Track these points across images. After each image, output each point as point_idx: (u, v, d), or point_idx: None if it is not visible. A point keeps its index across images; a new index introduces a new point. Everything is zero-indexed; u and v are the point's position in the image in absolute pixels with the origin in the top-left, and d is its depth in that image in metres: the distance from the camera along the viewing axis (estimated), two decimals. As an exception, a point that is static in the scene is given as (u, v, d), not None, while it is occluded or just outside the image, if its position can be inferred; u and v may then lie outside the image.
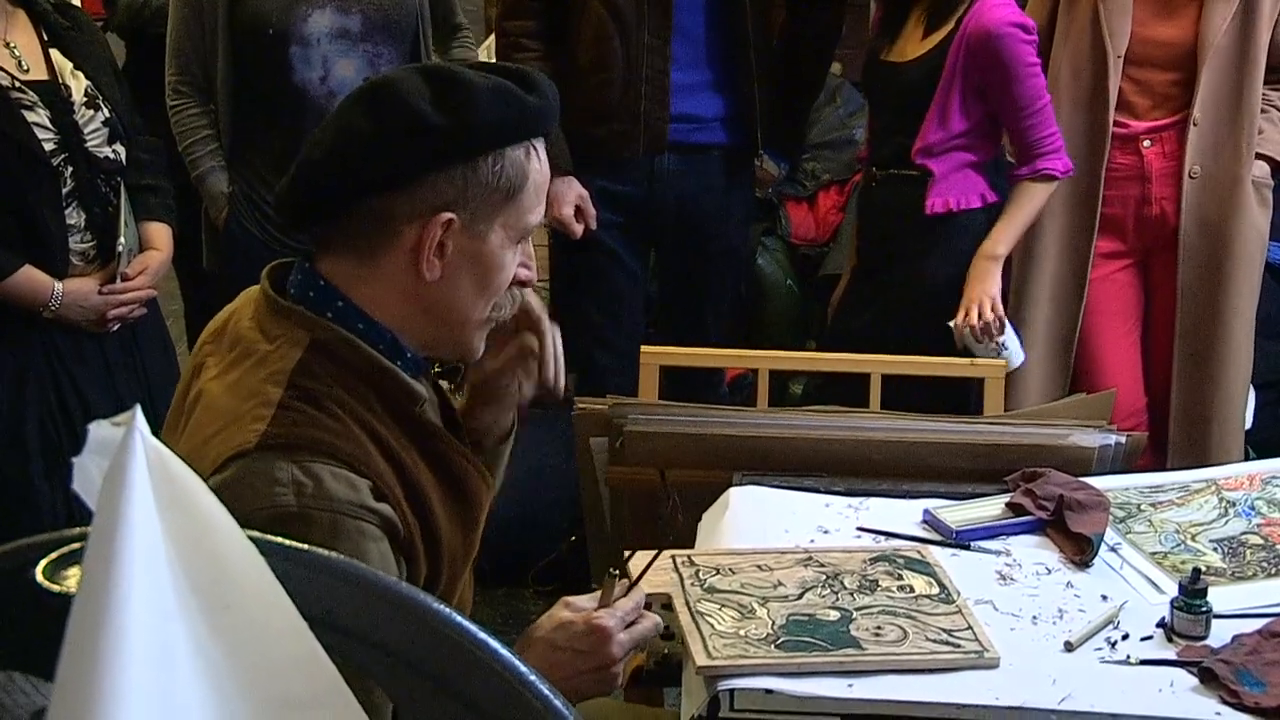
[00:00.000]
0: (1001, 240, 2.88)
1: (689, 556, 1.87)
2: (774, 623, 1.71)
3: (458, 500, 1.56)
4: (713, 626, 1.69)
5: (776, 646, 1.66)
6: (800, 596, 1.78)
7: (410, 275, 1.48)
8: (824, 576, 1.83)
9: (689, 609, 1.73)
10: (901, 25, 2.98)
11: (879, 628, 1.71)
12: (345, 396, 1.46)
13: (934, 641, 1.69)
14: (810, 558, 1.87)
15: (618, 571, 1.61)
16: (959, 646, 1.68)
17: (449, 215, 1.45)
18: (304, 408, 1.43)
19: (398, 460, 1.48)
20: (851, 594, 1.79)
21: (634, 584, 1.62)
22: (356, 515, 1.40)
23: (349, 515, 1.40)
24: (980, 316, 2.81)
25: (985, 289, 2.84)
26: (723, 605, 1.74)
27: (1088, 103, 3.00)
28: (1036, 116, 2.87)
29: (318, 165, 1.46)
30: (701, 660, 1.62)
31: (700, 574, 1.81)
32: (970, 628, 1.72)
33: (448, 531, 1.53)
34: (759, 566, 1.84)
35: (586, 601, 1.58)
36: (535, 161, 1.51)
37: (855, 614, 1.74)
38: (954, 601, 1.79)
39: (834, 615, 1.74)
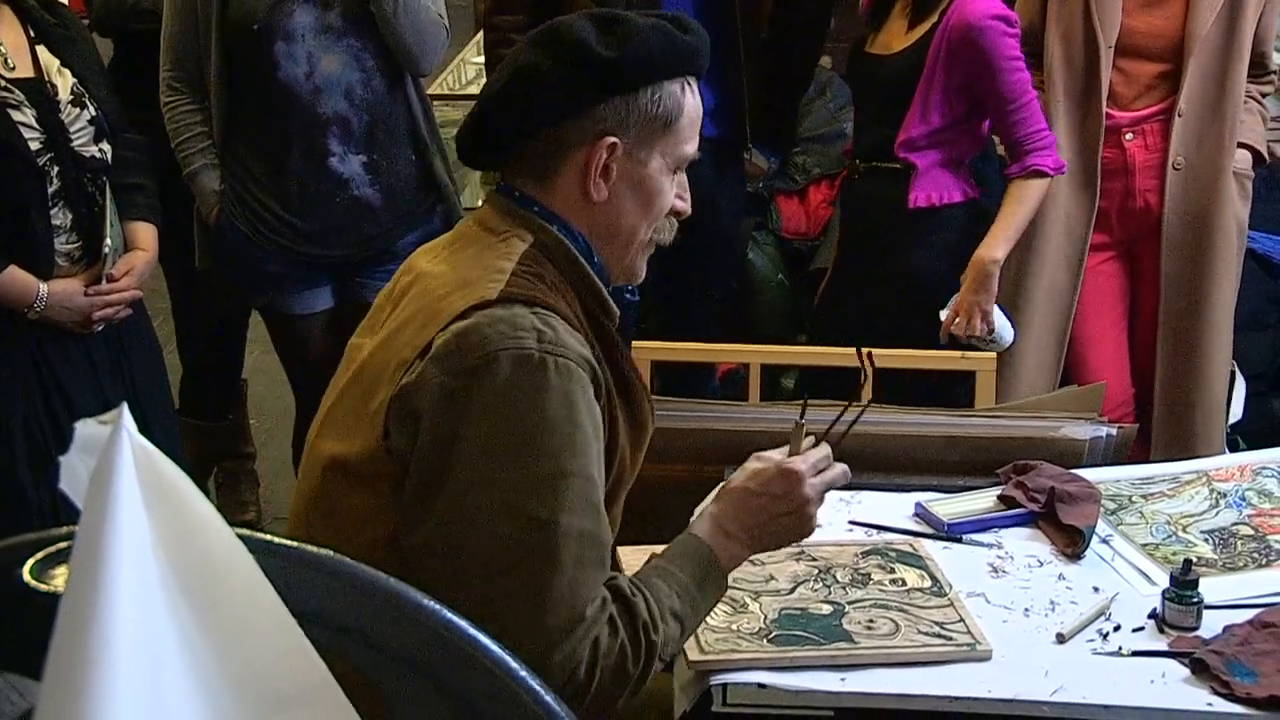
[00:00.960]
0: (1000, 243, 2.85)
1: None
2: (766, 617, 1.71)
3: (632, 413, 1.65)
4: (705, 621, 1.68)
5: (769, 641, 1.66)
6: (792, 591, 1.78)
7: (580, 196, 1.61)
8: (816, 570, 1.83)
9: None
10: (886, 17, 2.98)
11: (871, 621, 1.71)
12: (562, 288, 1.59)
13: (926, 634, 1.69)
14: (802, 552, 1.87)
15: (803, 421, 1.68)
16: (951, 639, 1.68)
17: (612, 140, 1.58)
18: (534, 280, 1.56)
19: (596, 353, 1.58)
20: (844, 588, 1.79)
21: (823, 437, 1.68)
22: (585, 367, 1.52)
23: (580, 365, 1.51)
24: (969, 325, 2.80)
25: (979, 300, 2.81)
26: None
27: (1081, 93, 3.01)
28: (1022, 112, 2.85)
29: (499, 99, 1.61)
30: (693, 655, 1.62)
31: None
32: (962, 620, 1.72)
33: (624, 433, 1.62)
34: (750, 561, 1.84)
35: (776, 453, 1.66)
36: (690, 96, 1.64)
37: (847, 607, 1.74)
38: (946, 594, 1.79)
39: (826, 609, 1.74)
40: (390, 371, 1.52)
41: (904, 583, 1.82)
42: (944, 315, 2.82)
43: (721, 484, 1.67)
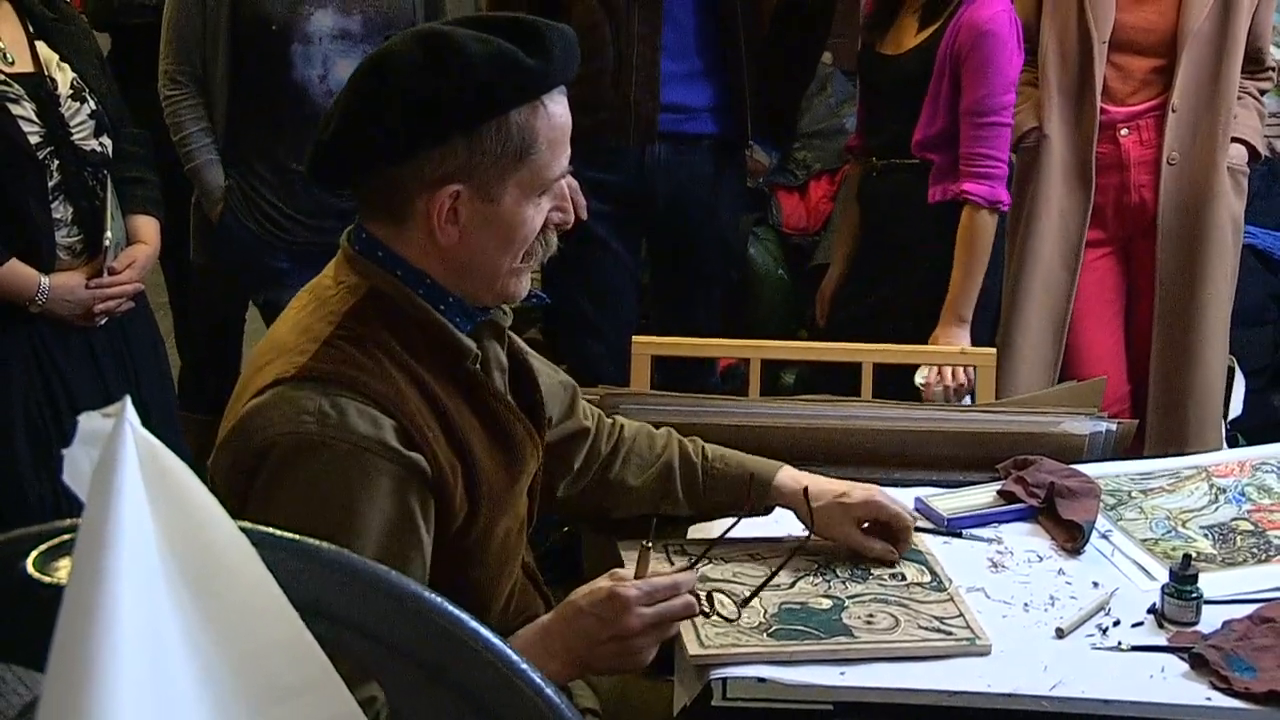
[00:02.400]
0: (965, 299, 2.84)
1: (682, 545, 1.88)
2: (766, 611, 1.71)
3: (502, 448, 1.61)
4: (709, 618, 1.68)
5: (769, 635, 1.66)
6: (793, 585, 1.78)
7: (430, 239, 1.53)
8: (816, 565, 1.83)
9: None
10: (894, 17, 2.98)
11: (871, 615, 1.71)
12: (393, 342, 1.52)
13: (925, 629, 1.69)
14: (802, 546, 1.87)
15: (649, 544, 1.63)
16: (950, 634, 1.68)
17: (455, 187, 1.49)
18: (346, 347, 1.50)
19: (439, 404, 1.54)
20: (844, 582, 1.80)
21: (692, 565, 1.65)
22: (374, 451, 1.46)
23: (366, 450, 1.46)
24: (953, 376, 2.79)
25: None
26: (715, 593, 1.73)
27: (1075, 89, 3.01)
28: (987, 130, 2.81)
29: (329, 141, 1.52)
30: (694, 649, 1.62)
31: (692, 562, 1.80)
32: (961, 615, 1.72)
33: (490, 472, 1.58)
34: (751, 556, 1.85)
35: (628, 572, 1.60)
36: (545, 118, 1.51)
37: (847, 602, 1.74)
38: (946, 589, 1.79)
39: (826, 603, 1.74)
40: (219, 442, 1.53)
41: (904, 577, 1.82)
42: (921, 379, 2.80)
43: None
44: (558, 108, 1.53)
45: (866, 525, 1.85)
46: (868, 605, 1.74)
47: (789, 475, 1.88)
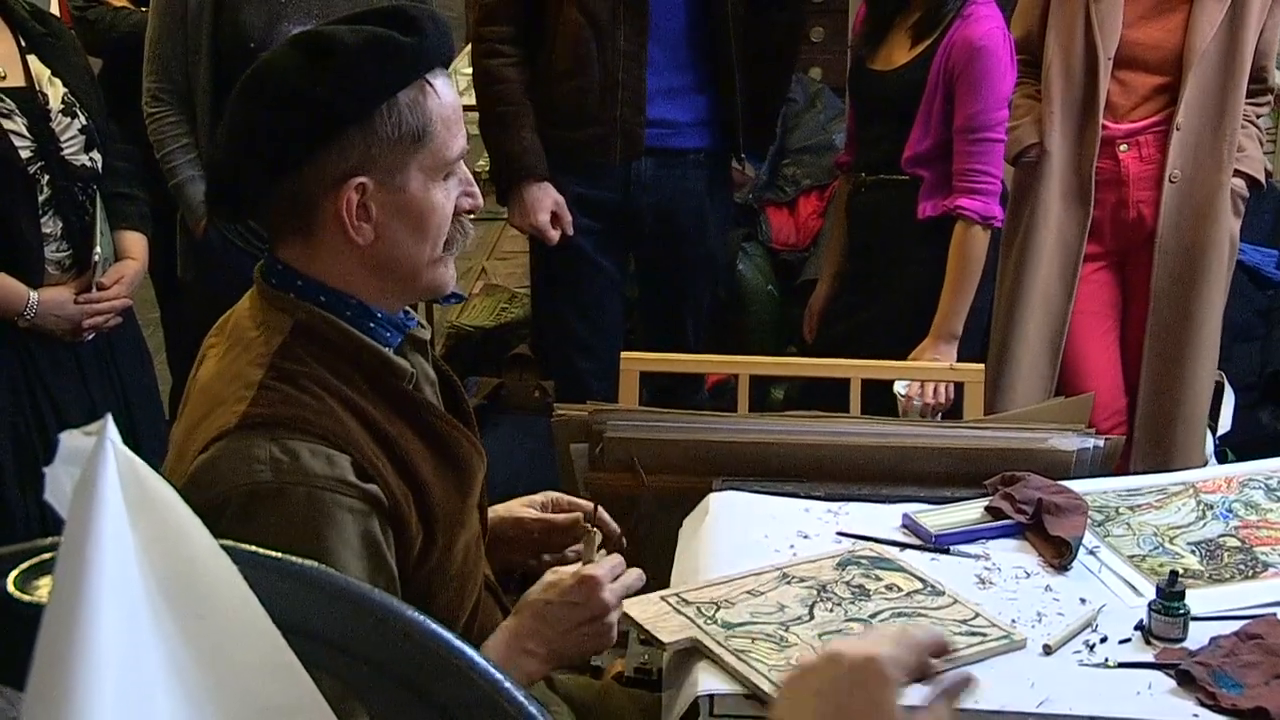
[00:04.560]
0: (955, 316, 2.86)
1: (679, 596, 1.80)
2: (813, 647, 1.68)
3: (450, 467, 1.59)
4: (762, 662, 1.64)
5: None
6: (812, 616, 1.76)
7: (347, 243, 1.50)
8: (815, 591, 1.82)
9: (727, 649, 1.67)
10: (886, 33, 2.98)
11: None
12: (327, 376, 1.50)
13: (960, 635, 1.69)
14: (784, 574, 1.86)
15: (593, 527, 1.66)
16: (986, 635, 1.69)
17: (359, 180, 1.47)
18: (283, 387, 1.47)
19: (382, 432, 1.51)
20: (851, 603, 1.79)
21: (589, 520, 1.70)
22: (334, 489, 1.44)
23: (326, 489, 1.43)
24: (935, 393, 2.79)
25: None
26: (753, 639, 1.69)
27: (1078, 104, 3.01)
28: (980, 146, 2.82)
29: (223, 164, 1.50)
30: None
31: (703, 610, 1.75)
32: (979, 615, 1.73)
33: (440, 495, 1.56)
34: (749, 592, 1.81)
35: (569, 568, 1.64)
36: (434, 97, 1.50)
37: (875, 622, 1.74)
38: (944, 593, 1.80)
39: (858, 627, 1.73)
40: None
41: (899, 588, 1.82)
42: (901, 390, 2.80)
43: (518, 603, 1.64)
44: (444, 87, 1.52)
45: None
46: (894, 622, 1.73)
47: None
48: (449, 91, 1.53)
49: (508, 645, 1.57)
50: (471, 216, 1.62)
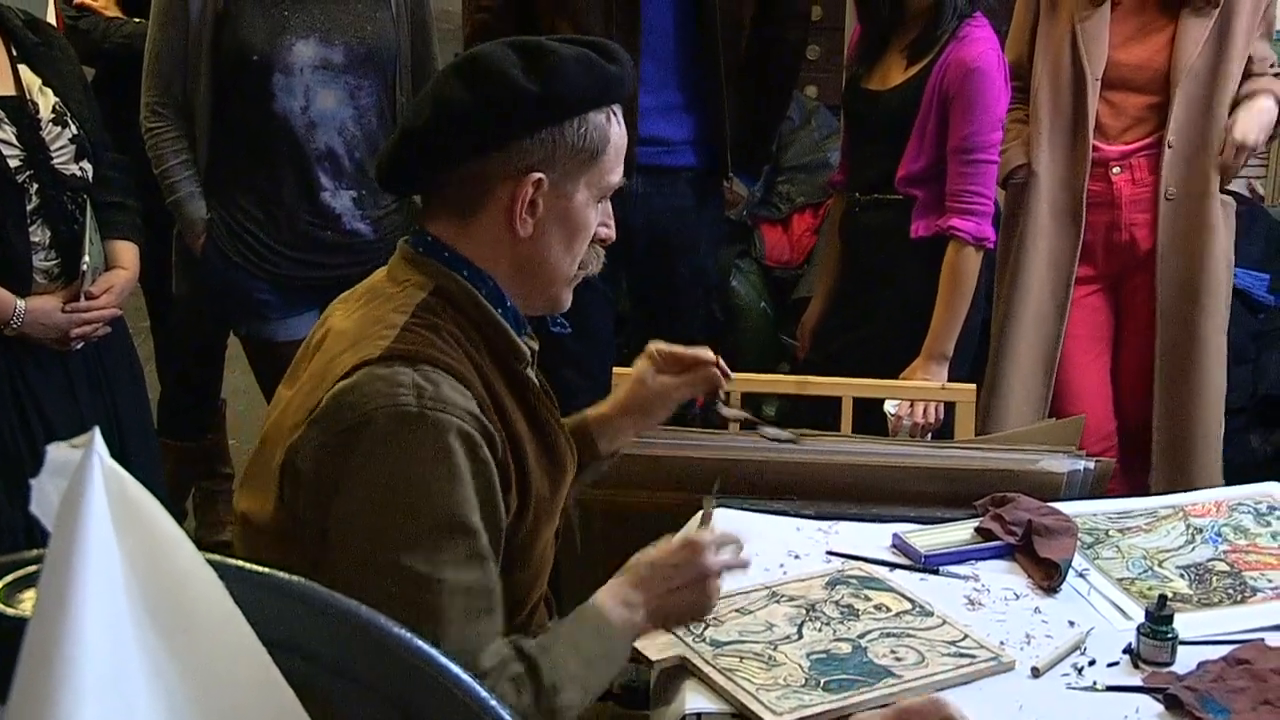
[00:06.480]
0: (947, 336, 2.85)
1: None
2: (801, 666, 1.69)
3: (548, 458, 1.68)
4: (750, 681, 1.65)
5: (823, 689, 1.63)
6: (800, 635, 1.76)
7: (505, 233, 1.60)
8: (804, 610, 1.82)
9: (714, 668, 1.68)
10: (881, 53, 2.99)
11: (894, 651, 1.71)
12: (461, 336, 1.59)
13: (949, 656, 1.69)
14: (773, 592, 1.86)
15: (715, 500, 1.83)
16: (975, 657, 1.69)
17: (539, 175, 1.57)
18: (424, 332, 1.56)
19: (500, 402, 1.59)
20: (841, 623, 1.79)
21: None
22: (470, 420, 1.51)
23: (462, 420, 1.50)
24: (925, 413, 2.79)
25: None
26: (741, 658, 1.70)
27: (1067, 126, 3.02)
28: (973, 167, 2.82)
29: (420, 133, 1.58)
30: (769, 718, 1.59)
31: (692, 628, 1.76)
32: (968, 636, 1.73)
33: (537, 476, 1.64)
34: (738, 610, 1.81)
35: (679, 534, 1.70)
36: (615, 126, 1.63)
37: (863, 642, 1.74)
38: (933, 614, 1.79)
39: (846, 647, 1.73)
40: (285, 432, 1.54)
41: (888, 608, 1.82)
42: (891, 410, 2.79)
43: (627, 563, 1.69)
44: (621, 124, 1.64)
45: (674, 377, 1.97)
46: (883, 642, 1.73)
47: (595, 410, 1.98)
48: (622, 128, 1.65)
49: (612, 597, 1.62)
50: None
